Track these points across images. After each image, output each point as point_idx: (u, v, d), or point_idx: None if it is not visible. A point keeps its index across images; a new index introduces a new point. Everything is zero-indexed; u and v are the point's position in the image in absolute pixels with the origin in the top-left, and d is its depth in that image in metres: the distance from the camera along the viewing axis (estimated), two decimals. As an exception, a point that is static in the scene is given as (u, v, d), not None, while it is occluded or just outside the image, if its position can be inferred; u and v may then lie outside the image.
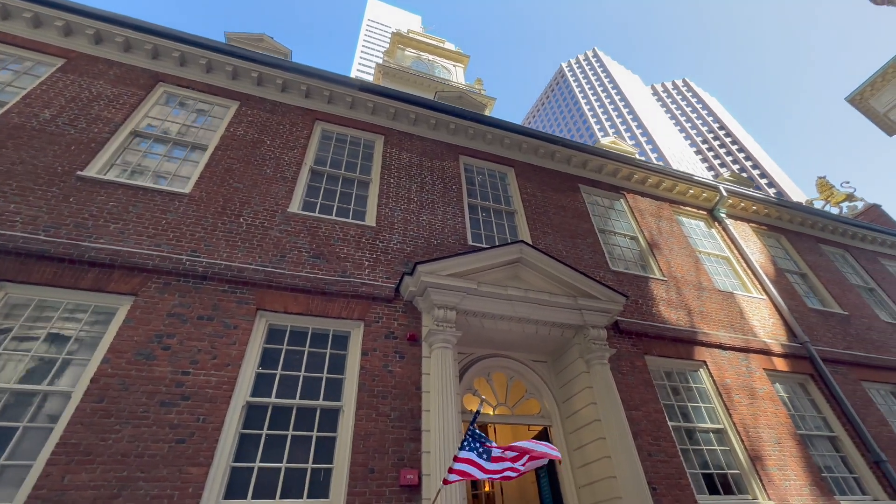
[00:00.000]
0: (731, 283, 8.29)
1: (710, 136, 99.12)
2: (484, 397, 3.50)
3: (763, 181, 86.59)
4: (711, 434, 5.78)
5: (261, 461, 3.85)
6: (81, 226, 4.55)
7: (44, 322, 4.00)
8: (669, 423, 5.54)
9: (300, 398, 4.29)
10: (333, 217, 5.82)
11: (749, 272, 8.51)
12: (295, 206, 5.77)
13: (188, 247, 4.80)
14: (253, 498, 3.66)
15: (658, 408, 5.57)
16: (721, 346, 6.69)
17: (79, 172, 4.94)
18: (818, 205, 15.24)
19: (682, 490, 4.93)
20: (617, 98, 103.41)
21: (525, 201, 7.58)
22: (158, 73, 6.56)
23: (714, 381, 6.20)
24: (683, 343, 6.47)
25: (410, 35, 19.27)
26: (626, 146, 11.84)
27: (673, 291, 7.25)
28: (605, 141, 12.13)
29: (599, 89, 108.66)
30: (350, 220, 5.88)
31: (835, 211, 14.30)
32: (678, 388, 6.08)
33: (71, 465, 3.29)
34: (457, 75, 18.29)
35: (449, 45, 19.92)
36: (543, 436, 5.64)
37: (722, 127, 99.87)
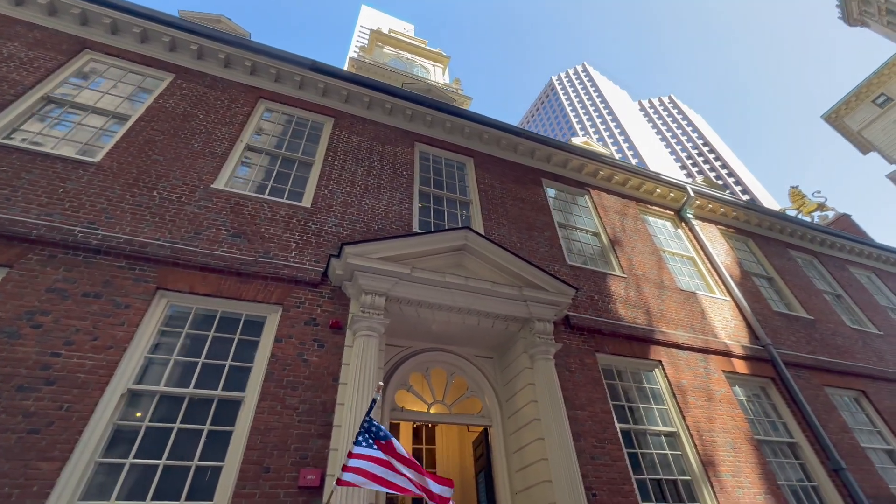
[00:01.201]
0: (694, 283, 8.03)
1: (693, 151, 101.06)
2: (381, 383, 3.06)
3: (745, 197, 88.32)
4: (663, 437, 5.42)
5: (135, 457, 3.35)
6: (-41, 189, 4.04)
7: None
8: (617, 425, 5.16)
9: (195, 387, 3.81)
10: (264, 196, 5.39)
11: (714, 273, 8.27)
12: (221, 183, 5.32)
13: (85, 218, 4.31)
14: (118, 499, 3.15)
15: (606, 408, 5.19)
16: (679, 346, 6.37)
17: (-32, 133, 4.44)
18: (791, 213, 15.26)
19: (626, 497, 4.54)
20: (605, 112, 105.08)
21: (482, 192, 7.24)
22: (86, 39, 6.09)
23: (669, 381, 5.86)
24: (639, 341, 6.13)
25: (391, 34, 19.06)
26: (597, 147, 11.66)
27: (632, 289, 6.94)
28: (577, 141, 11.94)
29: (588, 103, 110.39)
30: (282, 200, 5.45)
31: (806, 220, 14.29)
32: (630, 389, 5.72)
33: None
34: (435, 75, 18.07)
35: (432, 49, 19.73)
36: (484, 437, 5.21)
37: (706, 143, 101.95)
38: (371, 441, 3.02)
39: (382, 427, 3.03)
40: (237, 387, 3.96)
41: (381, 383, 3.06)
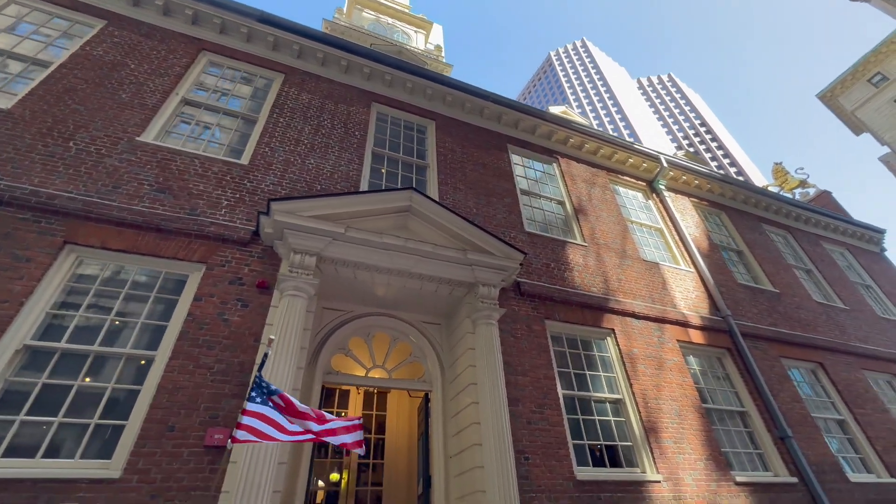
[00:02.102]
0: (659, 254, 7.89)
1: (690, 131, 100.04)
2: (273, 337, 2.88)
3: (740, 179, 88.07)
4: (608, 404, 5.36)
5: (27, 414, 3.19)
6: None
7: None
8: (561, 391, 5.08)
9: (101, 345, 3.62)
10: (196, 151, 5.08)
11: (680, 245, 8.13)
12: (149, 137, 5.00)
13: (-13, 167, 4.02)
14: (4, 457, 3.00)
15: (550, 374, 5.10)
16: (634, 315, 6.26)
17: None
18: (774, 190, 15.09)
19: (560, 461, 4.48)
20: (602, 89, 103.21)
21: (440, 155, 6.95)
22: (6, -21, 5.62)
23: (620, 350, 5.77)
24: (592, 309, 6.01)
25: (379, 1, 18.19)
26: (574, 116, 11.31)
27: (592, 258, 6.78)
28: (556, 111, 11.57)
29: (586, 80, 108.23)
30: (217, 157, 5.15)
31: (785, 195, 14.14)
32: (580, 356, 5.63)
33: None
34: (417, 41, 17.38)
35: (415, 14, 18.91)
36: (425, 402, 5.12)
37: (703, 123, 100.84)
38: (265, 397, 2.88)
39: (271, 384, 2.88)
40: (150, 346, 3.78)
41: (272, 337, 2.89)
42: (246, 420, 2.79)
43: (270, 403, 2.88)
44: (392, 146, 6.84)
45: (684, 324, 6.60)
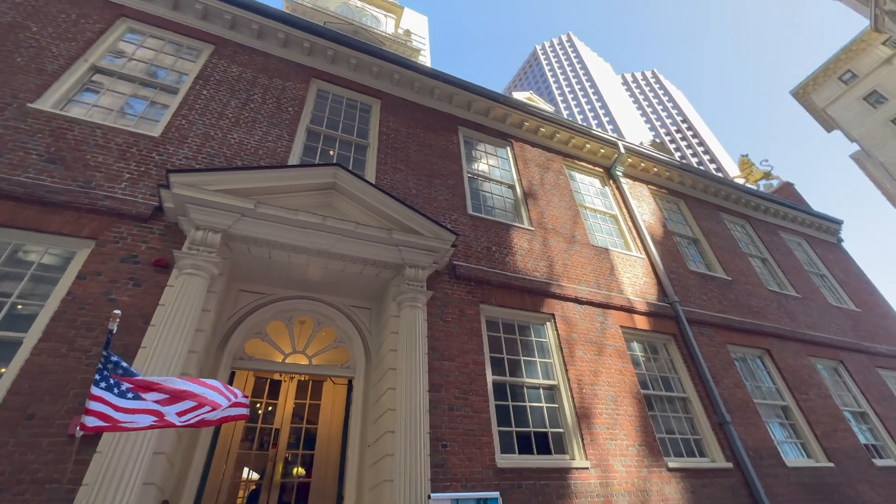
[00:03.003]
0: (611, 240, 7.77)
1: (672, 127, 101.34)
2: (117, 312, 2.59)
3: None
4: (542, 390, 5.20)
5: None
6: None
7: None
8: (490, 377, 4.90)
9: (-40, 326, 3.27)
10: (98, 122, 4.70)
11: (634, 231, 8.02)
12: (46, 104, 4.59)
13: None
14: None
15: (479, 360, 4.90)
16: (577, 301, 6.12)
17: None
18: (739, 182, 15.19)
19: (481, 448, 4.30)
20: (587, 84, 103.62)
21: (383, 135, 6.66)
22: None
23: (559, 335, 5.62)
24: (533, 294, 5.84)
25: (343, -20, 17.63)
26: (542, 104, 11.11)
27: (537, 242, 6.60)
28: (521, 96, 11.37)
29: (571, 74, 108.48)
30: (124, 128, 4.77)
31: (747, 186, 14.25)
32: (516, 341, 5.45)
33: None
34: (387, 25, 16.92)
35: (385, -5, 18.38)
36: (348, 390, 4.88)
37: (685, 120, 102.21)
38: (112, 380, 2.59)
39: (122, 362, 2.59)
40: (20, 328, 3.44)
41: (117, 312, 2.59)
42: (94, 406, 2.51)
43: (124, 385, 2.60)
44: (330, 124, 6.52)
45: (630, 309, 6.48)
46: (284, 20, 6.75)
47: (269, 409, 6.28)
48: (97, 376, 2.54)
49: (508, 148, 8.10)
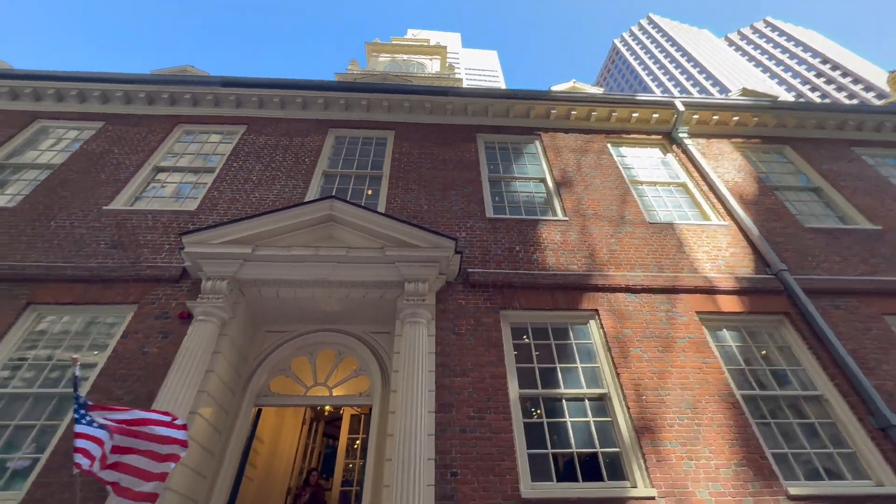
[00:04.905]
0: (679, 213, 6.41)
1: (809, 73, 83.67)
2: (76, 356, 2.89)
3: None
4: (587, 402, 4.30)
5: (-29, 453, 3.68)
6: None
7: None
8: (514, 391, 4.24)
9: (39, 387, 4.08)
10: (150, 208, 5.71)
11: (712, 196, 6.52)
12: (117, 205, 5.76)
13: (-15, 253, 4.99)
14: None
15: (498, 372, 4.31)
16: (629, 289, 5.08)
17: (-80, 204, 5.50)
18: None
19: (501, 475, 3.65)
20: (683, 59, 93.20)
21: (395, 161, 6.75)
22: (38, 111, 7.21)
23: (605, 333, 4.68)
24: (567, 290, 5.04)
25: (394, 41, 19.34)
26: (584, 88, 10.22)
27: (573, 232, 5.78)
28: (563, 87, 10.65)
29: (661, 55, 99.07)
30: (167, 208, 5.71)
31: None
32: (549, 347, 4.68)
33: None
34: (432, 67, 17.80)
35: (428, 44, 19.54)
36: (368, 419, 4.71)
37: (823, 59, 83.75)
38: (90, 417, 2.88)
39: (81, 397, 2.87)
40: (80, 387, 4.14)
41: (76, 356, 2.90)
42: (80, 443, 2.81)
43: (97, 423, 2.88)
44: (346, 164, 6.88)
45: (709, 290, 5.14)
46: (300, 86, 7.52)
47: (331, 442, 6.41)
48: (76, 416, 2.85)
49: (537, 141, 7.50)
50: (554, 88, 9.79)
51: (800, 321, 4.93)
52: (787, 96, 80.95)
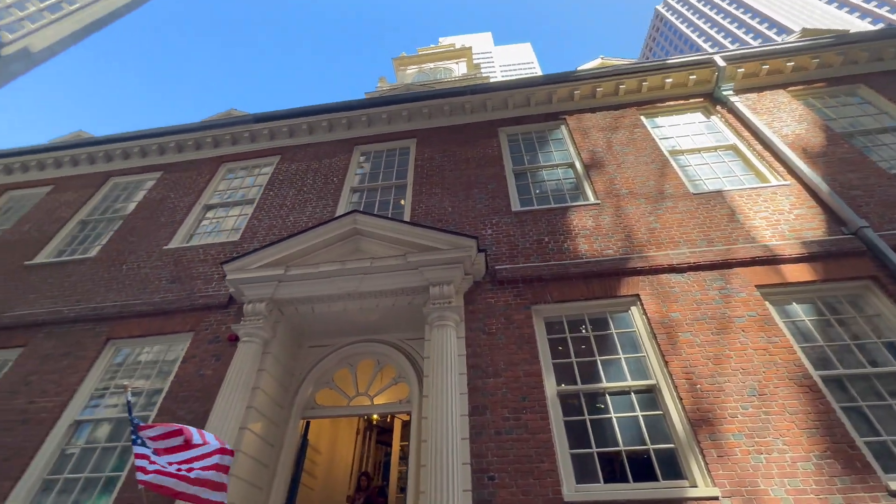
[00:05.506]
0: (729, 178, 5.76)
1: (900, -2, 71.98)
2: (126, 383, 3.18)
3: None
4: (633, 395, 3.96)
5: (69, 473, 4.23)
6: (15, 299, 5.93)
7: (-30, 378, 5.27)
8: (552, 388, 4.04)
9: (120, 413, 4.59)
10: (201, 243, 6.24)
11: (768, 155, 5.80)
12: (174, 244, 6.38)
13: (73, 299, 5.76)
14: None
15: (533, 370, 4.12)
16: (673, 269, 4.65)
17: (26, 262, 6.49)
18: None
19: (540, 478, 3.47)
20: (738, 11, 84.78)
21: (418, 168, 6.80)
22: (111, 171, 8.23)
23: (648, 319, 4.31)
24: (602, 277, 4.72)
25: (420, 52, 19.67)
26: (613, 62, 9.67)
27: (606, 215, 5.42)
28: (591, 64, 10.17)
29: (710, 11, 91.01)
30: (215, 241, 6.21)
31: None
32: (587, 339, 4.40)
33: (-76, 484, 4.19)
34: (459, 70, 17.80)
35: (453, 48, 19.59)
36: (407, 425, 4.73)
37: (918, -22, 71.61)
38: (142, 439, 3.18)
39: (138, 422, 3.16)
40: (148, 408, 4.61)
41: (126, 383, 3.20)
42: (139, 462, 3.12)
43: (149, 444, 3.16)
44: (372, 178, 7.05)
45: (770, 260, 4.55)
46: (325, 110, 7.87)
47: (388, 450, 6.53)
48: (133, 437, 3.16)
49: (562, 126, 7.17)
50: (581, 68, 9.33)
51: (891, 285, 4.19)
52: (864, 27, 70.28)
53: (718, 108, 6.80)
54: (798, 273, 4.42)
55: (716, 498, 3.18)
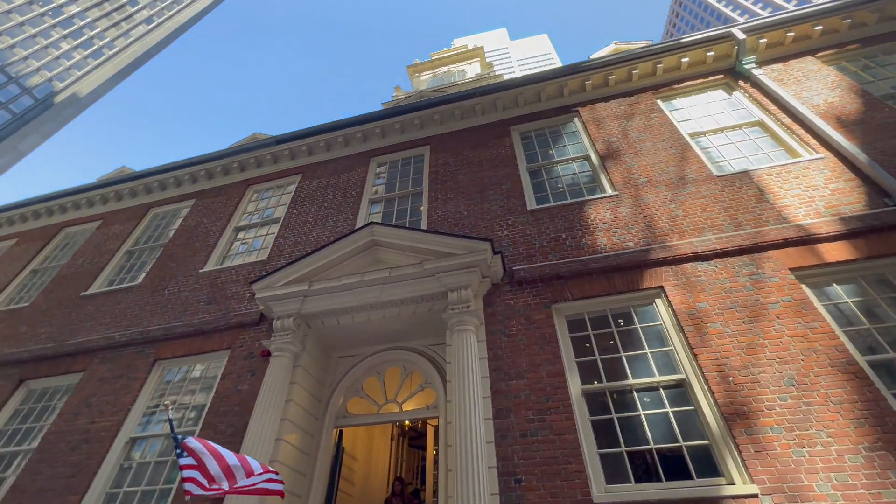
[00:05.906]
0: (756, 157, 5.47)
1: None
2: (167, 402, 3.41)
3: None
4: (662, 391, 3.83)
5: (128, 486, 4.57)
6: (71, 328, 6.47)
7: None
8: (577, 387, 3.98)
9: (166, 430, 4.92)
10: (233, 264, 6.58)
11: (798, 128, 5.47)
12: (210, 266, 6.76)
13: (124, 324, 6.22)
14: (113, 518, 4.35)
15: (556, 370, 4.08)
16: (698, 257, 4.47)
17: (82, 293, 7.07)
18: None
19: (569, 479, 3.43)
20: (768, -25, 79.67)
21: (432, 174, 6.88)
22: (151, 204, 8.83)
23: (674, 311, 4.16)
24: (623, 271, 4.60)
25: (433, 57, 19.83)
26: (632, 45, 9.42)
27: (625, 206, 5.28)
28: (604, 52, 9.95)
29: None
30: (246, 262, 6.53)
31: None
32: (611, 335, 4.30)
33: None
34: (472, 70, 17.78)
35: (464, 49, 19.60)
36: (435, 431, 4.78)
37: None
38: (185, 453, 3.40)
39: (179, 436, 3.37)
40: (194, 423, 4.91)
41: (168, 402, 3.43)
42: (185, 473, 3.36)
43: (190, 456, 3.39)
44: (388, 188, 7.19)
45: (805, 240, 4.28)
46: (340, 126, 8.10)
47: (423, 455, 6.62)
48: (177, 451, 3.39)
49: (575, 118, 7.05)
50: (594, 56, 9.13)
51: (946, 257, 3.84)
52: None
53: (741, 83, 6.47)
54: (837, 252, 4.14)
55: (755, 495, 3.04)
